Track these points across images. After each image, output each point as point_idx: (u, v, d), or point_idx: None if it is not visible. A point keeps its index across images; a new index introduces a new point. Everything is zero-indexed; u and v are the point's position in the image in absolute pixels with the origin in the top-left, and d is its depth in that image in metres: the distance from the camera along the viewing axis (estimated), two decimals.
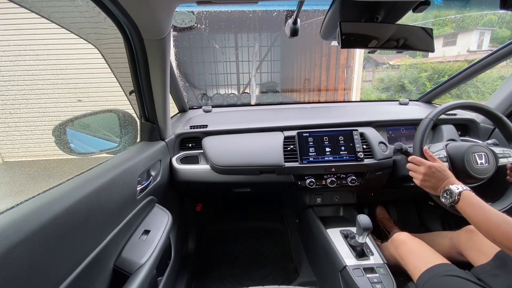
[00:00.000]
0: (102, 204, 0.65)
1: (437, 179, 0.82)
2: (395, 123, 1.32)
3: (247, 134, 1.24)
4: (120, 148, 0.99)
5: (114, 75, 0.97)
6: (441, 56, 3.67)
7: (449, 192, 0.76)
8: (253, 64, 7.12)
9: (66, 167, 3.48)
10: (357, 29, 0.80)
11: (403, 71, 6.03)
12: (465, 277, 0.73)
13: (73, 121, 0.88)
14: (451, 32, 3.34)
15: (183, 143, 1.28)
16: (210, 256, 1.55)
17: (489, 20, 2.55)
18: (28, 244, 0.43)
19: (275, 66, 8.80)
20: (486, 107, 1.01)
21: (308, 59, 6.20)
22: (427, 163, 0.85)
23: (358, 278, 0.85)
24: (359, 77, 4.93)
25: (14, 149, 3.67)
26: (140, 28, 0.74)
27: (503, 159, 0.95)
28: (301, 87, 6.78)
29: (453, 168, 0.92)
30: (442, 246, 1.03)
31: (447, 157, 0.94)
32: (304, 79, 6.46)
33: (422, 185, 0.86)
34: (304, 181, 1.15)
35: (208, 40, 6.85)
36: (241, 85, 8.33)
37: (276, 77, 8.81)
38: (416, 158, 0.90)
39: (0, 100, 3.30)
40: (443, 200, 0.78)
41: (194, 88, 7.04)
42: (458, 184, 0.78)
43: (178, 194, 1.36)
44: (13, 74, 3.22)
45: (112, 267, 0.71)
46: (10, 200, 2.90)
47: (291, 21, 0.84)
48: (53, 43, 3.07)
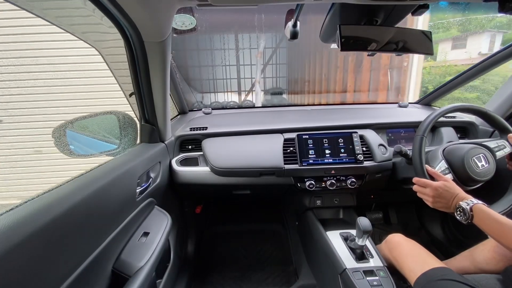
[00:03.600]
0: (101, 206, 0.65)
1: (446, 199, 0.81)
2: (394, 126, 1.32)
3: (247, 136, 1.24)
4: (119, 150, 0.99)
5: (114, 77, 0.98)
6: (467, 58, 3.46)
7: (461, 209, 0.76)
8: (257, 67, 6.59)
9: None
10: (356, 32, 0.80)
11: (426, 75, 5.54)
12: (462, 281, 0.73)
13: (73, 123, 0.88)
14: (458, 35, 3.22)
15: (182, 145, 1.28)
16: (210, 259, 1.54)
17: (499, 21, 2.52)
18: (27, 246, 0.43)
19: (280, 71, 8.02)
20: (471, 105, 1.01)
21: (326, 60, 5.48)
22: (433, 185, 0.84)
23: (357, 280, 0.84)
24: (419, 75, 4.01)
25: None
26: (140, 30, 0.75)
27: (499, 152, 0.95)
28: (315, 90, 5.96)
29: (457, 177, 0.92)
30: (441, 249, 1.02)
31: (449, 168, 0.94)
32: (321, 79, 5.56)
33: (435, 206, 0.85)
34: (304, 183, 1.15)
35: (204, 41, 6.21)
36: (243, 92, 7.46)
37: (282, 82, 7.97)
38: (421, 180, 0.88)
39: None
40: (459, 218, 0.77)
41: (189, 95, 7.00)
42: (468, 199, 0.77)
43: (178, 196, 1.36)
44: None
45: (111, 270, 0.71)
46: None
47: (291, 24, 0.84)
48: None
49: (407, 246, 0.92)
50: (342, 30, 0.77)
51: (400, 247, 0.93)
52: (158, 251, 0.81)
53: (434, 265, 0.79)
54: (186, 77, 6.69)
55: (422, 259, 0.84)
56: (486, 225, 0.71)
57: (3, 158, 3.24)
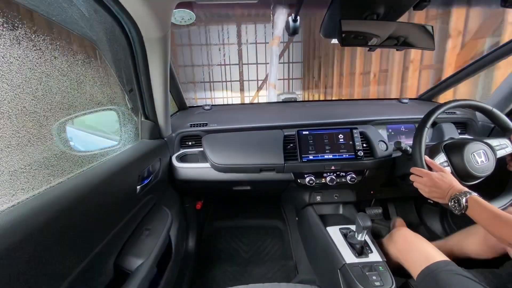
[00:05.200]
0: (102, 202, 0.65)
1: (442, 189, 0.81)
2: (395, 121, 1.32)
3: (247, 132, 1.24)
4: (120, 146, 0.99)
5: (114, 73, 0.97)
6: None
7: (456, 200, 0.77)
8: (272, 63, 4.46)
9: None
10: (357, 26, 0.79)
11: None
12: (465, 275, 0.74)
13: (73, 119, 0.88)
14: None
15: (183, 141, 1.28)
16: (210, 254, 1.55)
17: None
18: (30, 242, 0.43)
19: (294, 71, 6.07)
20: (476, 102, 1.00)
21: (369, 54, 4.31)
22: (430, 175, 0.85)
23: (357, 275, 0.85)
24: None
25: None
26: (139, 26, 0.74)
27: (500, 151, 0.95)
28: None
29: (455, 171, 0.92)
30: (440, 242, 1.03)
31: (448, 161, 0.94)
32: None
33: (430, 196, 0.86)
34: (304, 179, 1.15)
35: (198, 34, 4.57)
36: (247, 97, 5.76)
37: (295, 86, 6.09)
38: (418, 169, 0.89)
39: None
40: (452, 209, 0.78)
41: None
42: (463, 190, 0.78)
43: (178, 192, 1.37)
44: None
45: (113, 265, 0.71)
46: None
47: (291, 19, 0.83)
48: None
49: (412, 239, 0.93)
50: (342, 25, 0.76)
51: (405, 241, 0.94)
52: (159, 247, 0.82)
53: (438, 259, 0.81)
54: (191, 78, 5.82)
55: (427, 253, 0.85)
56: (481, 216, 0.72)
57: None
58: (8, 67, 0.53)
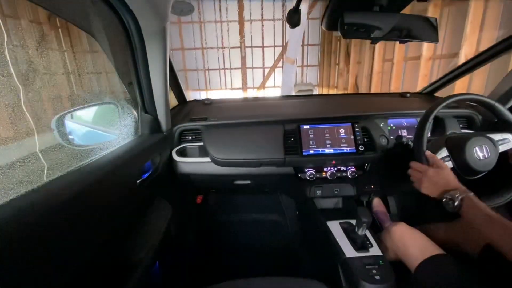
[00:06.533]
0: (102, 197, 0.65)
1: (437, 185, 0.81)
2: (396, 116, 1.31)
3: (247, 127, 1.23)
4: (120, 141, 0.99)
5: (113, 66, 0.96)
6: None
7: (450, 198, 0.76)
8: (293, 36, 3.51)
9: None
10: (359, 19, 0.78)
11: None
12: (462, 267, 0.74)
13: (72, 113, 0.87)
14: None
15: (183, 136, 1.27)
16: (211, 248, 1.56)
17: None
18: (27, 238, 0.43)
19: (309, 56, 4.69)
20: (479, 96, 0.99)
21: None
22: (426, 170, 0.85)
23: (357, 270, 0.86)
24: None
25: None
26: (138, 17, 0.73)
27: (503, 146, 0.94)
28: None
29: (457, 165, 0.91)
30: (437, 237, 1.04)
31: (449, 156, 0.94)
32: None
33: (425, 191, 0.86)
34: (304, 174, 1.15)
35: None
36: (250, 89, 4.88)
37: (310, 76, 4.87)
38: (417, 164, 0.89)
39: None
40: (446, 207, 0.78)
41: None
42: (460, 189, 0.77)
43: (178, 187, 1.37)
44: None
45: (113, 259, 0.71)
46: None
47: (292, 9, 0.82)
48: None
49: (410, 234, 0.93)
50: (345, 17, 0.75)
51: (402, 235, 0.94)
52: (159, 240, 0.82)
53: (435, 252, 0.81)
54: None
55: (425, 247, 0.85)
56: (474, 217, 0.72)
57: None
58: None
